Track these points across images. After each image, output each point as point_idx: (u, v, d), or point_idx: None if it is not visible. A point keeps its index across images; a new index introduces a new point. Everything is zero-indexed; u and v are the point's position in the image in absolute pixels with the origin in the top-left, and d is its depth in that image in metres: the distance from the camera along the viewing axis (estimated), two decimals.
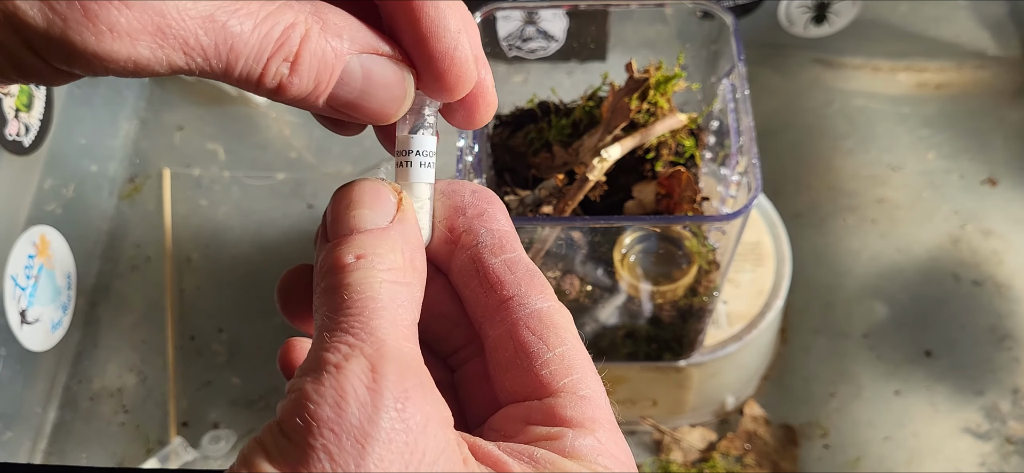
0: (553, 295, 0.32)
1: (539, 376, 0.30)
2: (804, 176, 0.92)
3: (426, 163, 0.33)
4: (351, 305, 0.28)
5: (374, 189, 0.32)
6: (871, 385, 0.79)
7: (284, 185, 0.93)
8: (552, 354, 0.31)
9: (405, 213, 0.31)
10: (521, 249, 0.33)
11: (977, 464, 0.74)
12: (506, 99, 0.71)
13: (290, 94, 0.29)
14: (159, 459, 0.77)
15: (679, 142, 0.64)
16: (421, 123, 0.33)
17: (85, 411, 0.81)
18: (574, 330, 0.32)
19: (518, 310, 0.31)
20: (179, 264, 0.88)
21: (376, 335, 0.28)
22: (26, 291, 0.74)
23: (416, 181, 0.33)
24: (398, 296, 0.29)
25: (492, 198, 0.34)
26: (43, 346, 0.77)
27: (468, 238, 0.33)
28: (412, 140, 0.33)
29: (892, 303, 0.83)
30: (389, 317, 0.28)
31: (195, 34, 0.26)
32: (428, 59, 0.30)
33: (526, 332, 0.31)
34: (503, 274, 0.32)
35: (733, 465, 0.75)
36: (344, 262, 0.29)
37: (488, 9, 0.65)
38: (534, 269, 0.32)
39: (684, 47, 0.65)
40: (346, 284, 0.29)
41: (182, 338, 0.84)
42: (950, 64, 0.99)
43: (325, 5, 0.29)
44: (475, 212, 0.33)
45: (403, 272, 0.30)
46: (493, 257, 0.32)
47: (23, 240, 0.75)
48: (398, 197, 0.32)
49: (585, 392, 0.30)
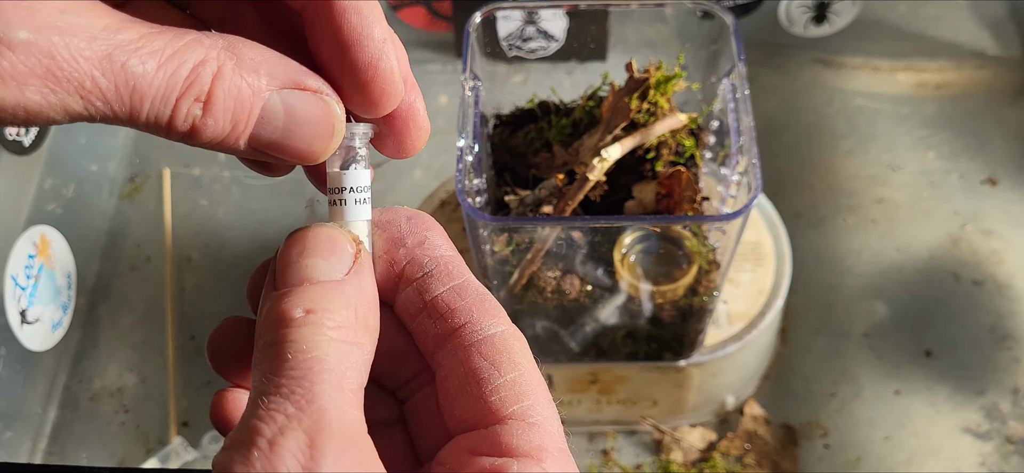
0: (506, 319, 0.31)
1: (488, 403, 0.29)
2: (804, 176, 0.92)
3: (361, 199, 0.31)
4: (294, 366, 0.26)
5: (330, 237, 0.30)
6: (871, 385, 0.79)
7: (284, 184, 0.93)
8: (503, 380, 0.29)
9: (362, 266, 0.29)
10: (468, 273, 0.31)
11: (977, 464, 0.74)
12: (506, 99, 0.71)
13: (206, 137, 0.27)
14: (159, 459, 0.77)
15: (679, 142, 0.64)
16: (352, 157, 0.31)
17: (85, 411, 0.81)
18: (529, 355, 0.30)
19: (470, 337, 0.30)
20: (179, 264, 0.89)
21: (317, 403, 0.25)
22: (26, 291, 0.74)
23: (352, 219, 0.31)
24: (347, 357, 0.27)
25: (431, 224, 0.32)
26: (43, 346, 0.77)
27: (411, 269, 0.31)
28: (344, 176, 0.31)
29: (892, 303, 0.83)
30: (335, 381, 0.26)
31: (91, 76, 0.24)
32: (351, 69, 0.29)
33: (478, 358, 0.29)
34: (453, 302, 0.30)
35: (733, 465, 0.75)
36: (291, 316, 0.27)
37: (488, 9, 0.65)
38: (484, 293, 0.31)
39: (684, 47, 0.65)
40: (291, 340, 0.27)
41: (182, 338, 0.84)
42: (950, 64, 0.99)
43: (239, 39, 0.27)
44: (415, 241, 0.31)
45: (354, 331, 0.28)
46: (441, 286, 0.31)
47: (23, 240, 0.75)
48: (356, 248, 0.30)
49: (535, 419, 0.28)
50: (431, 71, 1.00)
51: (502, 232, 0.60)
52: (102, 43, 0.25)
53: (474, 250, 0.62)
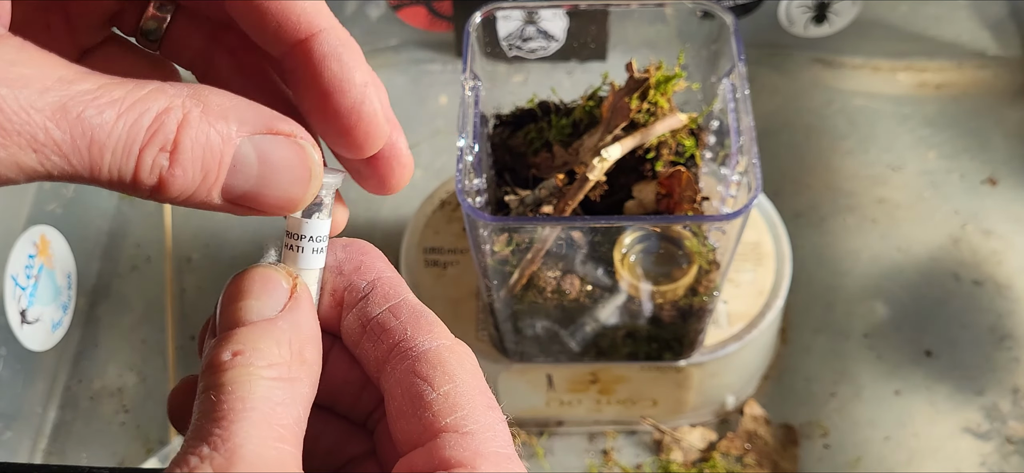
0: (444, 333, 0.30)
1: (423, 419, 0.28)
2: (804, 176, 0.92)
3: (318, 249, 0.31)
4: (217, 408, 0.26)
5: (264, 276, 0.30)
6: (871, 385, 0.79)
7: None
8: (436, 394, 0.29)
9: (298, 301, 0.30)
10: (407, 292, 0.31)
11: (977, 464, 0.74)
12: (506, 99, 0.71)
13: (175, 190, 0.26)
14: (159, 459, 0.77)
15: (679, 142, 0.64)
16: (317, 206, 0.31)
17: (85, 411, 0.81)
18: (468, 366, 0.30)
19: (406, 355, 0.30)
20: (179, 264, 0.89)
21: (232, 441, 0.25)
22: (26, 291, 0.74)
23: (305, 268, 0.31)
24: (275, 394, 0.27)
25: (366, 248, 0.32)
26: (43, 346, 0.77)
27: (350, 296, 0.31)
28: (305, 224, 0.31)
29: (892, 303, 0.83)
30: (259, 418, 0.26)
31: (44, 128, 0.23)
32: (334, 115, 0.28)
33: (412, 376, 0.29)
34: (388, 321, 0.30)
35: (733, 465, 0.75)
36: (220, 360, 0.27)
37: (488, 9, 0.65)
38: (421, 310, 0.31)
39: (684, 47, 0.65)
40: (218, 384, 0.27)
41: (182, 338, 0.84)
42: (950, 64, 0.99)
43: (205, 87, 0.27)
44: (352, 267, 0.32)
45: (288, 367, 0.28)
46: (377, 308, 0.31)
47: (23, 240, 0.75)
48: (292, 283, 0.30)
49: (469, 428, 0.28)
50: (431, 71, 1.00)
51: (502, 232, 0.60)
52: (55, 94, 0.23)
53: (474, 250, 0.62)
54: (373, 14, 0.98)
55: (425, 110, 0.98)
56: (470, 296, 0.74)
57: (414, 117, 0.97)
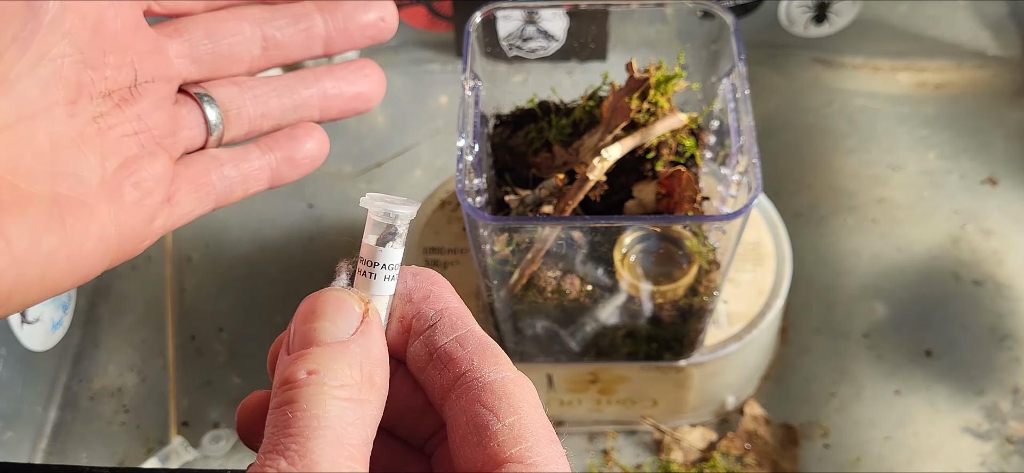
0: (508, 365, 0.32)
1: (488, 449, 0.29)
2: (804, 176, 0.92)
3: (390, 277, 0.32)
4: (293, 424, 0.28)
5: (338, 300, 0.31)
6: (871, 385, 0.79)
7: (285, 185, 0.93)
8: (501, 425, 0.30)
9: (370, 326, 0.31)
10: (473, 323, 0.33)
11: (977, 464, 0.74)
12: (506, 99, 0.71)
13: None
14: (159, 459, 0.77)
15: (679, 142, 0.64)
16: (391, 235, 0.32)
17: (85, 411, 0.81)
18: (530, 399, 0.31)
19: (472, 385, 0.31)
20: (179, 264, 0.89)
21: (309, 457, 0.27)
22: None
23: (377, 294, 0.32)
24: (347, 414, 0.29)
25: (435, 278, 0.33)
26: (43, 346, 0.77)
27: (418, 323, 0.33)
28: (379, 252, 0.32)
29: (892, 303, 0.83)
30: (332, 437, 0.28)
31: None
32: None
33: (478, 406, 0.30)
34: (455, 351, 0.32)
35: (733, 465, 0.75)
36: (295, 377, 0.29)
37: (488, 9, 0.65)
38: (487, 342, 0.32)
39: (684, 47, 0.65)
40: (293, 400, 0.28)
41: (182, 338, 0.84)
42: (950, 64, 0.99)
43: None
44: (421, 296, 0.33)
45: (358, 389, 0.29)
46: (444, 337, 0.32)
47: None
48: (364, 308, 0.31)
49: (533, 459, 0.29)
50: (431, 71, 1.00)
51: (502, 232, 0.60)
52: None
53: (474, 250, 0.62)
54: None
55: (425, 110, 0.98)
56: (470, 296, 0.74)
57: (414, 117, 0.97)
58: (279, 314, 0.85)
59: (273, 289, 0.87)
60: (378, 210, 0.33)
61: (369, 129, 0.97)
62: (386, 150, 0.95)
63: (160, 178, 0.40)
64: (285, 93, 0.46)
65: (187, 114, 0.42)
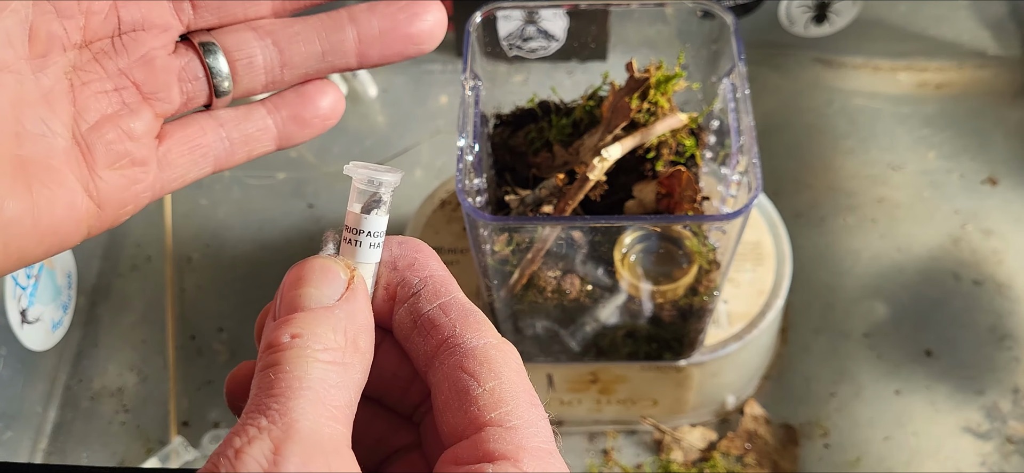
0: (491, 332, 0.32)
1: (469, 413, 0.30)
2: (804, 176, 0.92)
3: (375, 244, 0.33)
4: (275, 385, 0.28)
5: (323, 267, 0.32)
6: (871, 385, 0.79)
7: (285, 185, 0.93)
8: (482, 390, 0.30)
9: (355, 292, 0.31)
10: (457, 291, 0.33)
11: (977, 464, 0.74)
12: (506, 99, 0.71)
13: None
14: (160, 458, 0.77)
15: (679, 141, 0.64)
16: (376, 203, 0.32)
17: (85, 410, 0.81)
18: (513, 366, 0.31)
19: (454, 351, 0.31)
20: (180, 263, 0.89)
21: (289, 416, 0.27)
22: (26, 290, 0.74)
23: (362, 262, 0.32)
24: (330, 377, 0.29)
25: (420, 246, 0.34)
26: (43, 345, 0.77)
27: (403, 291, 0.33)
28: (364, 219, 0.32)
29: (892, 303, 0.83)
30: (314, 397, 0.28)
31: None
32: None
33: (459, 371, 0.30)
34: (438, 318, 0.32)
35: (733, 464, 0.75)
36: (279, 341, 0.29)
37: (488, 9, 0.65)
38: (470, 308, 0.32)
39: (684, 46, 0.65)
40: (276, 363, 0.29)
41: (183, 337, 0.84)
42: (950, 64, 0.99)
43: None
44: (405, 263, 0.33)
45: (342, 352, 0.30)
46: (428, 304, 0.32)
47: None
48: (350, 275, 0.32)
49: (513, 423, 0.29)
50: (431, 71, 1.00)
51: (502, 232, 0.60)
52: None
53: (474, 250, 0.62)
54: None
55: (425, 110, 0.98)
56: (470, 296, 0.74)
57: (414, 117, 0.97)
58: None
59: (273, 289, 0.86)
60: (362, 178, 0.33)
61: (370, 129, 0.97)
62: (386, 150, 0.95)
63: (142, 138, 0.36)
64: (312, 37, 0.39)
65: (186, 66, 0.38)
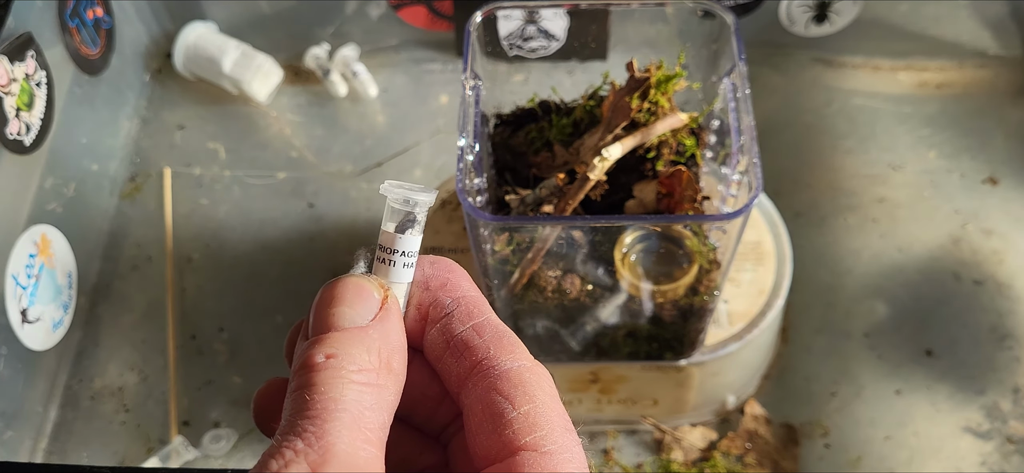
0: (525, 354, 0.31)
1: (503, 437, 0.29)
2: (805, 175, 0.92)
3: (408, 264, 0.32)
4: (311, 407, 0.28)
5: (357, 286, 0.31)
6: (872, 384, 0.79)
7: (285, 184, 0.93)
8: (517, 413, 0.30)
9: (388, 312, 0.31)
10: (490, 312, 0.33)
11: (978, 463, 0.74)
12: (507, 98, 0.71)
13: None
14: (160, 458, 0.77)
15: (680, 141, 0.64)
16: (410, 223, 0.32)
17: (86, 410, 0.81)
18: (546, 389, 0.31)
19: (488, 373, 0.31)
20: (180, 263, 0.89)
21: (326, 439, 0.27)
22: (27, 290, 0.74)
23: (395, 281, 0.32)
24: (364, 399, 0.29)
25: (452, 267, 0.33)
26: (44, 345, 0.77)
27: (435, 311, 0.32)
28: (398, 239, 0.32)
29: (893, 302, 0.83)
30: (349, 420, 0.28)
31: None
32: None
33: (494, 394, 0.30)
34: (471, 339, 0.31)
35: (734, 464, 0.75)
36: (314, 361, 0.29)
37: (489, 8, 0.65)
38: (503, 330, 0.32)
39: (685, 46, 0.65)
40: (311, 384, 0.28)
41: (183, 337, 0.84)
42: (951, 63, 0.99)
43: None
44: (438, 283, 0.33)
45: (376, 373, 0.29)
46: (461, 325, 0.32)
47: (24, 239, 0.75)
48: (383, 295, 0.31)
49: (549, 448, 0.29)
50: (432, 70, 1.00)
51: (503, 231, 0.60)
52: None
53: (475, 250, 0.62)
54: (373, 14, 0.98)
55: (425, 109, 0.98)
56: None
57: (414, 117, 0.97)
58: (279, 314, 0.85)
59: (274, 289, 0.87)
60: (398, 197, 0.32)
61: (370, 129, 0.97)
62: (386, 150, 0.95)
63: None
64: None
65: None
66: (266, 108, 0.98)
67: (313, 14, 0.99)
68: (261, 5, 0.99)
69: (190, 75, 0.99)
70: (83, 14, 0.86)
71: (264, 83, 0.97)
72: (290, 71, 1.00)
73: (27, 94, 0.76)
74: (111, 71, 0.92)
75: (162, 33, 1.02)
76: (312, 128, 0.97)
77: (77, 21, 0.85)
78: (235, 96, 0.99)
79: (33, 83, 0.77)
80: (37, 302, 0.76)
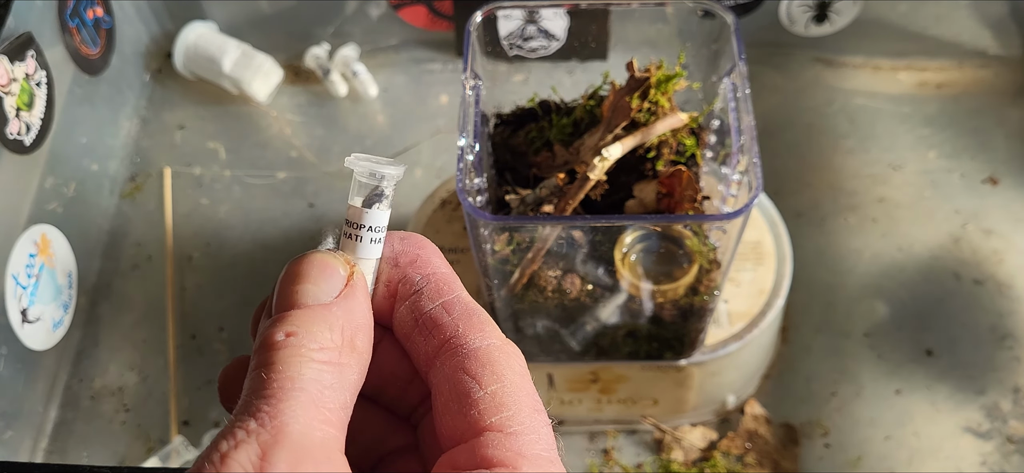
0: (495, 332, 0.31)
1: (469, 417, 0.29)
2: (805, 175, 0.92)
3: (376, 240, 0.31)
4: (267, 386, 0.27)
5: (322, 262, 0.30)
6: (872, 384, 0.79)
7: (285, 184, 0.93)
8: (484, 393, 0.29)
9: (354, 289, 0.30)
10: (461, 290, 0.32)
11: (978, 463, 0.74)
12: (507, 98, 0.71)
13: None
14: (160, 458, 0.77)
15: (680, 141, 0.64)
16: (378, 197, 0.31)
17: (86, 410, 0.81)
18: (516, 367, 0.30)
19: (457, 352, 0.30)
20: (180, 263, 0.89)
21: (279, 419, 0.26)
22: (27, 290, 0.74)
23: (362, 257, 0.31)
24: (324, 377, 0.28)
25: (423, 242, 0.32)
26: (44, 345, 0.77)
27: (404, 289, 0.32)
28: (365, 214, 0.31)
29: (893, 302, 0.83)
30: (307, 399, 0.27)
31: None
32: None
33: (461, 373, 0.29)
34: (440, 317, 0.31)
35: (734, 464, 0.75)
36: (274, 340, 0.28)
37: (489, 8, 0.65)
38: (474, 308, 0.31)
39: (685, 46, 0.65)
40: (269, 363, 0.28)
41: (183, 337, 0.84)
42: (951, 63, 0.99)
43: None
44: (407, 260, 0.32)
45: (338, 352, 0.29)
46: (430, 303, 0.31)
47: (24, 239, 0.75)
48: (349, 271, 0.30)
49: (514, 428, 0.28)
50: (432, 70, 1.00)
51: (503, 231, 0.60)
52: None
53: (475, 249, 0.62)
54: (374, 13, 0.98)
55: (426, 109, 0.98)
56: (471, 295, 0.74)
57: (414, 116, 0.97)
58: None
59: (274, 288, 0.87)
60: (363, 170, 0.32)
61: (370, 128, 0.97)
62: (387, 149, 0.95)
63: None
64: None
65: None
66: (266, 108, 0.98)
67: (313, 14, 0.99)
68: (261, 5, 0.99)
69: (190, 75, 0.99)
70: (83, 14, 0.86)
71: (264, 83, 0.97)
72: (290, 71, 1.00)
73: (27, 94, 0.76)
74: (111, 71, 0.92)
75: (162, 33, 1.02)
76: (312, 128, 0.97)
77: (77, 21, 0.85)
78: (235, 96, 0.99)
79: (33, 83, 0.77)
80: (37, 302, 0.76)
